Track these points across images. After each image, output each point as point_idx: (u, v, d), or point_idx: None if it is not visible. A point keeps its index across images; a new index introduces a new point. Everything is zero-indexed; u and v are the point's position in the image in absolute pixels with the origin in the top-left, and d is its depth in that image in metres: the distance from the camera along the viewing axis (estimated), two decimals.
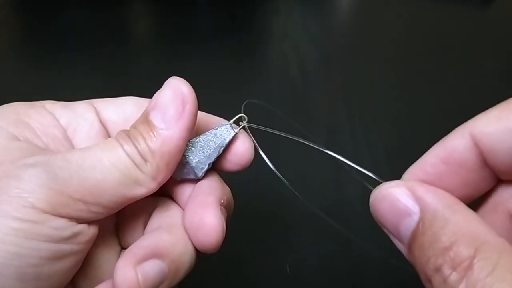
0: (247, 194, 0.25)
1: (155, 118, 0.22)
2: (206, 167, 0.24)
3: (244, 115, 0.25)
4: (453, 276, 0.16)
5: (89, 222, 0.21)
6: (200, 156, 0.24)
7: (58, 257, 0.20)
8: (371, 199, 0.20)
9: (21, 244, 0.19)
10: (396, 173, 0.21)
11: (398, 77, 0.58)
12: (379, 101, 0.53)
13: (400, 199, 0.19)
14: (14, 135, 0.22)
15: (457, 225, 0.17)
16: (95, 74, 0.53)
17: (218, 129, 0.24)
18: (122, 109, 0.25)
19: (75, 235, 0.20)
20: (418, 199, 0.19)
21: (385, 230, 0.20)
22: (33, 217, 0.19)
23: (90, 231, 0.21)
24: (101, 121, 0.25)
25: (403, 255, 0.19)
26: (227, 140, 0.24)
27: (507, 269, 0.15)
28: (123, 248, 0.26)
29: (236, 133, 0.24)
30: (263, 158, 0.24)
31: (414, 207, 0.18)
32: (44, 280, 0.20)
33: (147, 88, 0.26)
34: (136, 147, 0.21)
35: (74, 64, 0.56)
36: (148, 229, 0.24)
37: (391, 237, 0.20)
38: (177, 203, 0.25)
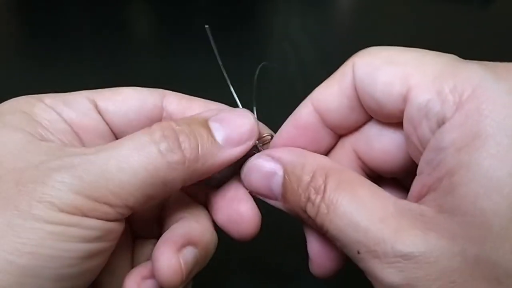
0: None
1: (217, 130, 0.22)
2: (227, 179, 0.25)
3: (273, 133, 0.25)
4: (317, 199, 0.20)
5: (119, 220, 0.21)
6: (227, 170, 0.24)
7: (92, 255, 0.20)
8: (242, 175, 0.24)
9: (57, 247, 0.19)
10: None
11: None
12: None
13: (264, 165, 0.23)
14: (31, 134, 0.21)
15: (310, 164, 0.22)
16: (95, 73, 0.53)
17: None
18: (121, 101, 0.25)
19: (106, 233, 0.20)
20: (277, 159, 0.23)
21: (261, 197, 0.23)
22: (64, 220, 0.19)
23: (120, 227, 0.21)
24: (101, 115, 0.25)
25: None
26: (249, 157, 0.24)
27: (347, 181, 0.20)
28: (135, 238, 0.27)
29: (258, 151, 0.24)
30: None
31: (276, 166, 0.22)
32: (78, 278, 0.20)
33: (147, 87, 0.26)
34: (177, 145, 0.21)
35: (74, 63, 0.56)
36: (171, 218, 0.26)
37: (268, 200, 0.23)
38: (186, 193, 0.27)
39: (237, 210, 0.24)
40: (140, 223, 0.27)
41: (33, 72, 0.56)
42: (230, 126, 0.23)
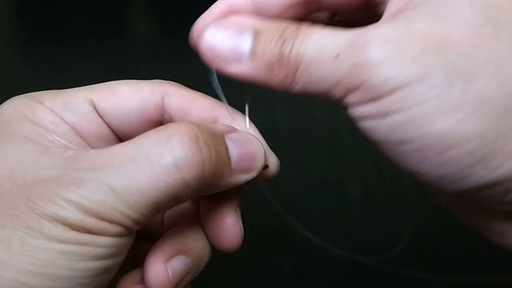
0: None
1: (232, 152, 0.21)
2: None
3: (267, 163, 0.24)
4: (292, 36, 0.19)
5: (133, 232, 0.20)
6: None
7: (104, 271, 0.20)
8: (203, 42, 0.21)
9: (70, 267, 0.18)
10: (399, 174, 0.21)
11: None
12: None
13: (229, 24, 0.21)
14: (40, 144, 0.21)
15: (279, 23, 0.20)
16: (95, 73, 0.53)
17: None
18: (120, 103, 0.24)
19: (120, 248, 0.20)
20: (243, 22, 0.21)
21: (219, 63, 0.21)
22: (76, 239, 0.18)
23: (131, 240, 0.21)
24: (101, 117, 0.24)
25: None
26: None
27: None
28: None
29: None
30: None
31: (243, 26, 0.20)
32: None
33: None
34: (197, 159, 0.20)
35: (74, 63, 0.56)
36: (168, 224, 0.26)
37: (226, 66, 0.21)
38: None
39: (223, 222, 0.23)
40: (144, 226, 0.27)
41: (33, 72, 0.56)
42: (245, 152, 0.22)
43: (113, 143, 0.23)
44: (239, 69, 0.20)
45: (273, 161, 0.24)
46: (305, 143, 0.30)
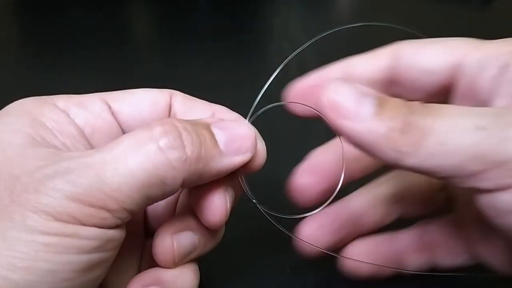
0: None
1: (218, 136, 0.22)
2: None
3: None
4: (424, 108, 0.20)
5: (119, 226, 0.20)
6: None
7: (90, 267, 0.19)
8: (326, 93, 0.21)
9: (53, 260, 0.18)
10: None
11: None
12: None
13: (355, 86, 0.21)
14: (32, 136, 0.21)
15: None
16: (95, 73, 0.53)
17: None
18: (134, 102, 0.25)
19: (105, 243, 0.20)
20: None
21: (333, 116, 0.21)
22: (60, 230, 0.18)
23: (119, 235, 0.20)
24: (115, 117, 0.24)
25: None
26: None
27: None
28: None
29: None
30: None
31: (369, 90, 0.21)
32: None
33: (147, 87, 0.26)
34: (178, 142, 0.20)
35: (74, 63, 0.56)
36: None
37: (345, 120, 0.20)
38: None
39: (207, 197, 0.23)
40: (156, 220, 0.27)
41: (33, 72, 0.55)
42: (232, 134, 0.22)
43: None
44: (353, 127, 0.20)
45: (260, 146, 0.24)
46: (306, 143, 0.30)
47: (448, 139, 0.18)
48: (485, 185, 0.18)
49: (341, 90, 0.21)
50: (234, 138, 0.22)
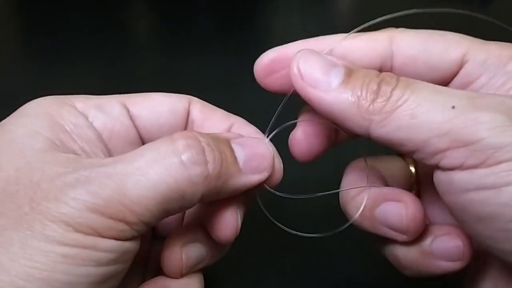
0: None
1: (238, 153, 0.21)
2: None
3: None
4: (393, 79, 0.20)
5: (136, 238, 0.20)
6: None
7: (106, 279, 0.19)
8: (294, 62, 0.21)
9: (71, 272, 0.18)
10: None
11: None
12: None
13: (322, 57, 0.21)
14: (51, 140, 0.20)
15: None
16: (95, 74, 0.53)
17: None
18: (153, 106, 0.24)
19: (122, 255, 0.19)
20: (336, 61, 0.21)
21: (302, 85, 0.21)
22: (79, 241, 0.18)
23: (135, 247, 0.20)
24: (133, 121, 0.24)
25: None
26: None
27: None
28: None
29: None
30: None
31: (335, 60, 0.21)
32: None
33: (147, 88, 0.26)
34: (201, 157, 0.20)
35: (74, 63, 0.56)
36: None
37: (312, 90, 0.20)
38: None
39: (218, 213, 0.23)
40: (163, 224, 0.27)
41: (33, 72, 0.55)
42: (251, 152, 0.22)
43: None
44: (321, 95, 0.20)
45: (278, 164, 0.23)
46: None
47: (419, 113, 0.19)
48: (446, 163, 0.18)
49: (309, 60, 0.21)
50: (254, 156, 0.22)
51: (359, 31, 0.24)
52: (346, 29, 0.24)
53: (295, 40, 0.25)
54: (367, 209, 0.23)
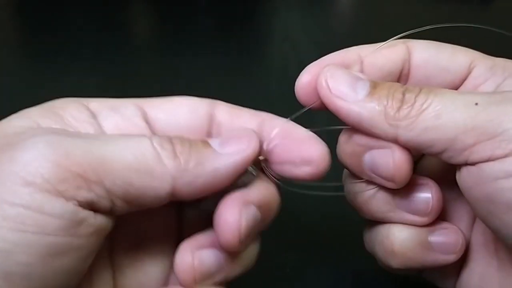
0: None
1: (213, 141, 0.21)
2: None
3: (262, 157, 0.23)
4: (415, 89, 0.21)
5: (94, 209, 0.18)
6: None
7: (54, 253, 0.17)
8: (323, 80, 0.23)
9: (6, 238, 0.16)
10: None
11: None
12: None
13: (348, 72, 0.23)
14: (37, 123, 0.20)
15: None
16: (95, 74, 0.53)
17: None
18: (172, 109, 0.24)
19: (76, 224, 0.18)
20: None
21: (328, 97, 0.22)
22: (24, 199, 0.16)
23: (95, 221, 0.18)
24: (150, 124, 0.23)
25: None
26: (247, 183, 0.22)
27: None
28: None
29: (254, 175, 0.22)
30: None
31: (363, 75, 0.23)
32: (36, 281, 0.17)
33: (147, 88, 0.26)
34: (169, 145, 0.20)
35: (74, 64, 0.56)
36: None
37: (338, 100, 0.22)
38: None
39: (222, 213, 0.21)
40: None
41: (33, 72, 0.56)
42: (227, 135, 0.22)
43: None
44: (349, 106, 0.22)
45: (318, 151, 0.22)
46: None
47: (444, 113, 0.20)
48: (475, 157, 0.19)
49: (335, 74, 0.23)
50: (229, 137, 0.21)
51: (400, 38, 0.26)
52: (345, 29, 0.24)
53: (295, 40, 0.25)
54: (355, 156, 0.24)
